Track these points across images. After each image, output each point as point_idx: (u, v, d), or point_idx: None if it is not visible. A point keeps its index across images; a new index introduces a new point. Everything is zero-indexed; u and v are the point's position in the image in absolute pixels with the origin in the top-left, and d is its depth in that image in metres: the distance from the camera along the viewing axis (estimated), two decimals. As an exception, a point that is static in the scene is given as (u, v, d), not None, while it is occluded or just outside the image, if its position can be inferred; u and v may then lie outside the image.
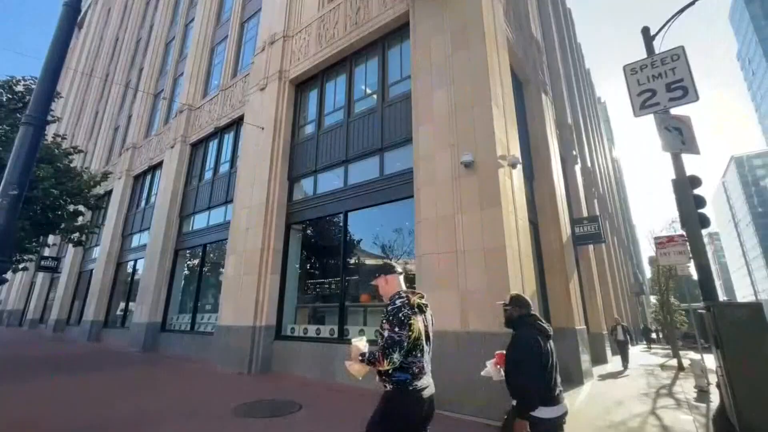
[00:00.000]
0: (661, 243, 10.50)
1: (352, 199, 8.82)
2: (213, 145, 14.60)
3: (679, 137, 6.23)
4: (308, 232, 10.27)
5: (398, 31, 9.12)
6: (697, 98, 6.06)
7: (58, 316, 20.86)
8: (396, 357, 2.20)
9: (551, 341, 2.73)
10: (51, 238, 21.85)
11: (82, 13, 38.92)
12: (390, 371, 2.27)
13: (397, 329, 2.23)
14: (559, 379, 2.65)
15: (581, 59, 35.85)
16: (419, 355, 2.32)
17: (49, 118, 5.70)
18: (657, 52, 7.21)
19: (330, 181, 9.66)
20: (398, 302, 2.40)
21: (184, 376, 8.55)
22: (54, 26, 4.38)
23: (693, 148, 6.17)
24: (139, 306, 14.03)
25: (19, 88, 12.01)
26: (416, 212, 7.00)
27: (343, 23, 10.06)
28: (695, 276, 5.93)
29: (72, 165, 13.21)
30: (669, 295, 18.45)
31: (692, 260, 6.47)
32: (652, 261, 26.35)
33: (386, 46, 9.46)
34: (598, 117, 41.75)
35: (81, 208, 13.87)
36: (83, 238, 14.23)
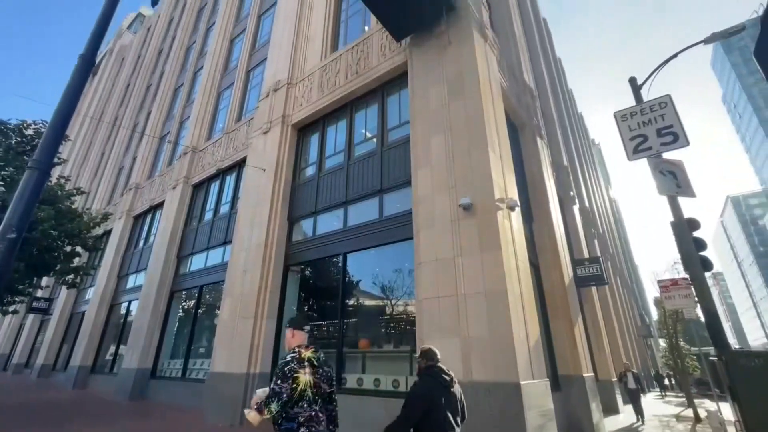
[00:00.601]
0: (665, 287, 10.33)
1: (351, 240, 8.79)
2: (214, 186, 14.79)
3: (673, 180, 6.33)
4: (307, 273, 10.14)
5: (397, 80, 9.55)
6: (687, 143, 6.22)
7: (45, 360, 20.06)
8: (274, 407, 2.44)
9: (456, 387, 3.04)
10: (44, 280, 21.50)
11: (97, 62, 41.10)
12: (279, 420, 2.51)
13: (279, 381, 2.50)
14: (457, 429, 2.86)
15: (573, 104, 37.33)
16: (306, 405, 2.53)
17: (55, 160, 5.82)
18: (645, 99, 7.57)
19: (329, 222, 9.68)
20: (289, 357, 2.66)
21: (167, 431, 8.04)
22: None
23: (688, 192, 6.24)
24: (130, 350, 13.53)
25: (29, 131, 12.37)
26: (416, 255, 6.95)
27: (345, 72, 10.56)
28: (704, 318, 5.76)
29: (73, 206, 13.28)
30: (678, 338, 17.86)
31: (698, 304, 6.32)
32: (658, 302, 25.81)
33: (385, 93, 9.86)
34: (593, 158, 42.76)
35: (78, 249, 13.77)
36: (78, 279, 14.01)
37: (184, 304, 14.06)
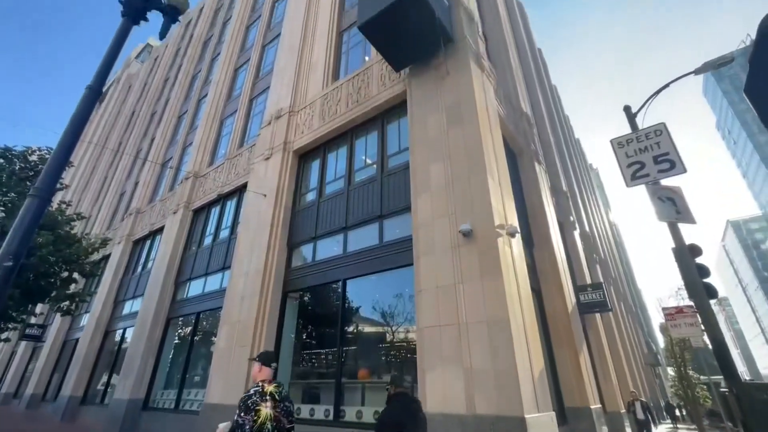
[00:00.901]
0: (671, 314, 10.15)
1: (351, 266, 8.71)
2: (215, 212, 14.83)
3: (672, 207, 6.34)
4: (305, 299, 10.00)
5: (396, 108, 9.76)
6: (684, 170, 6.26)
7: (35, 390, 19.47)
8: None
9: (420, 412, 3.17)
10: (39, 307, 21.19)
11: (104, 90, 42.20)
12: None
13: (242, 414, 2.66)
14: None
15: (570, 130, 38.00)
16: None
17: (57, 185, 5.85)
18: (641, 126, 7.71)
19: (329, 247, 9.63)
20: (252, 390, 2.81)
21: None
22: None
23: (688, 218, 6.23)
24: (123, 380, 13.14)
25: (34, 157, 12.54)
26: (416, 282, 6.87)
27: (345, 101, 10.80)
28: (711, 347, 5.62)
29: (73, 231, 13.27)
30: (687, 367, 17.38)
31: (705, 333, 6.19)
32: (663, 329, 25.30)
33: (385, 121, 10.05)
34: (592, 183, 43.09)
35: (75, 275, 13.65)
36: (73, 306, 13.80)
37: (180, 331, 13.78)
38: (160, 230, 17.28)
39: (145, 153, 24.70)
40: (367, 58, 11.56)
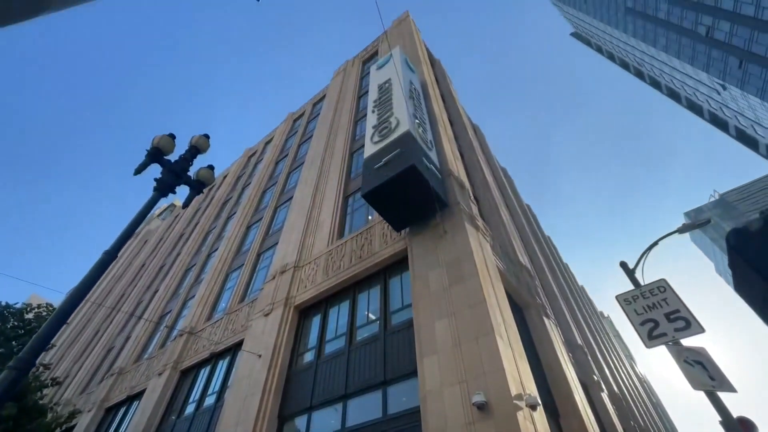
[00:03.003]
0: None
1: (349, 446, 7.44)
2: (204, 373, 13.65)
3: (703, 372, 5.75)
4: (293, 492, 8.20)
5: (398, 264, 10.04)
6: (702, 330, 5.91)
7: None
8: None
9: None
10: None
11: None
12: None
13: None
14: None
15: (572, 278, 38.31)
16: None
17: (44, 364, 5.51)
18: (640, 275, 7.71)
19: (326, 420, 8.43)
20: None
21: None
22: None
23: (724, 385, 5.56)
24: None
25: (30, 315, 12.31)
26: (427, 471, 5.73)
27: (349, 257, 11.21)
28: None
29: (41, 401, 11.96)
30: None
31: None
32: None
33: (387, 276, 10.21)
34: (607, 332, 40.90)
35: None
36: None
37: None
38: (140, 395, 15.58)
39: (145, 305, 24.42)
40: (370, 217, 12.54)
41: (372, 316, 9.71)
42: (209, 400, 12.16)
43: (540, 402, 6.35)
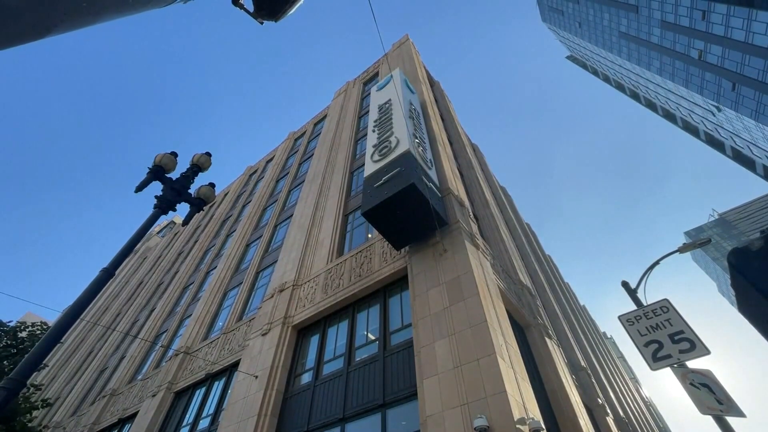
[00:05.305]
0: None
1: (347, 472, 7.19)
2: (199, 394, 13.31)
3: (710, 395, 5.62)
4: None
5: (398, 283, 9.95)
6: (707, 351, 5.81)
7: None
8: None
9: None
10: None
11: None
12: None
13: None
14: None
15: (574, 297, 37.91)
16: None
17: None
18: (642, 292, 7.62)
19: (322, 445, 8.17)
20: None
21: None
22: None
23: (732, 409, 5.42)
24: None
25: (23, 334, 12.11)
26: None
27: (348, 275, 11.12)
28: None
29: (30, 424, 11.63)
30: None
31: None
32: None
33: (387, 294, 10.09)
34: (611, 354, 40.15)
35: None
36: None
37: None
38: (131, 418, 15.15)
39: (141, 324, 24.06)
40: (369, 236, 12.50)
41: (371, 336, 9.55)
42: (203, 423, 11.81)
43: (543, 426, 6.16)
